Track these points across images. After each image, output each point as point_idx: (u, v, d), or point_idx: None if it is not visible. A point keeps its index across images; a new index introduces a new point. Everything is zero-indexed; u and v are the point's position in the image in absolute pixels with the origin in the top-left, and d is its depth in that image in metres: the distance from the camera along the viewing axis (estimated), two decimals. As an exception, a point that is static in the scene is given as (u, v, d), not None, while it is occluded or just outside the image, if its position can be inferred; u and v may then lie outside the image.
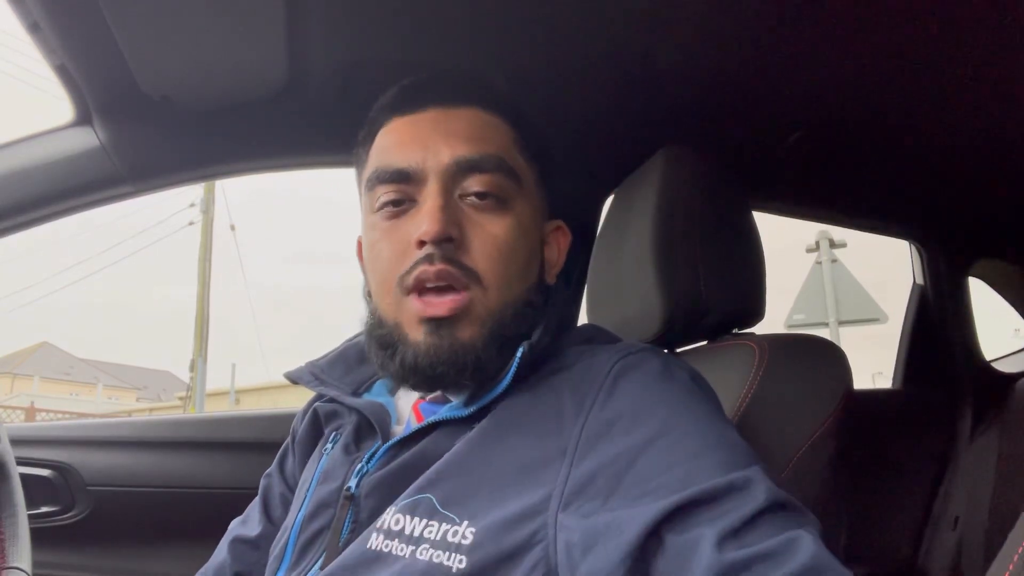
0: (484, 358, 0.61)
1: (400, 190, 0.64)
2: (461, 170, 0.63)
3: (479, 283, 0.61)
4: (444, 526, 0.55)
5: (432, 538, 0.55)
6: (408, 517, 0.57)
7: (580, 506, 0.53)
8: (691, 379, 0.61)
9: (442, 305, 0.60)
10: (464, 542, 0.53)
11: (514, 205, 0.64)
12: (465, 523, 0.55)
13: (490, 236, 0.62)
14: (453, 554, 0.53)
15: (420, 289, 0.61)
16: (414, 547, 0.55)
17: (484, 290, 0.61)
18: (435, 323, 0.61)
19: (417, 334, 0.62)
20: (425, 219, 0.60)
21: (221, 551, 0.80)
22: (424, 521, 0.56)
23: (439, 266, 0.60)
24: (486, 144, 0.64)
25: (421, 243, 0.61)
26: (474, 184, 0.63)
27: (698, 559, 0.46)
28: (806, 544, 0.45)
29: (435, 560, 0.54)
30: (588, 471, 0.54)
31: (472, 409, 0.61)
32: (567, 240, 0.72)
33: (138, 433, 1.33)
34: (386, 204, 0.65)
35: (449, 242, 0.60)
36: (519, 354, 0.60)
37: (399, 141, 0.66)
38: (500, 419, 0.60)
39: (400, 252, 0.63)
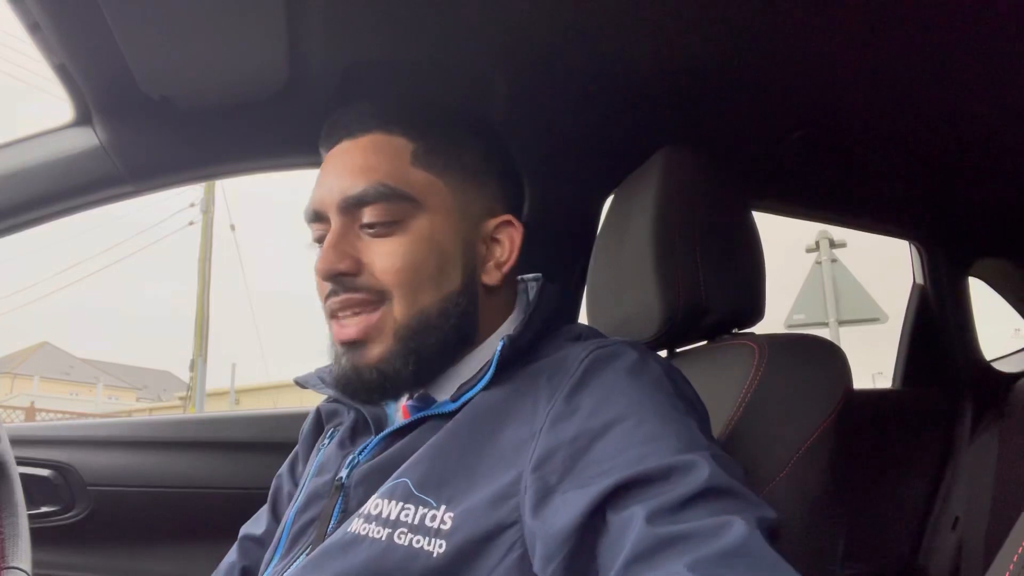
0: (387, 370, 0.65)
1: (319, 227, 0.69)
2: (351, 206, 0.66)
3: (385, 297, 0.65)
4: (421, 510, 0.57)
5: (409, 522, 0.57)
6: (385, 501, 0.59)
7: (539, 476, 0.55)
8: (663, 373, 0.62)
9: (350, 329, 0.65)
10: (443, 527, 0.55)
11: (411, 224, 0.66)
12: (443, 508, 0.57)
13: (387, 256, 0.65)
14: (432, 539, 0.55)
15: (336, 316, 0.67)
16: (391, 530, 0.57)
17: (391, 304, 0.65)
18: (345, 346, 0.66)
19: (337, 357, 0.68)
20: (319, 258, 0.66)
21: (232, 552, 0.83)
22: (400, 504, 0.58)
23: (342, 297, 0.65)
24: (372, 174, 0.66)
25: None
26: (366, 216, 0.66)
27: (630, 533, 0.48)
28: (737, 528, 0.46)
29: (415, 545, 0.55)
30: (548, 447, 0.56)
31: (457, 405, 0.63)
32: (519, 232, 0.71)
33: (138, 433, 1.33)
34: (314, 240, 0.71)
35: (344, 276, 0.65)
36: (498, 350, 0.63)
37: (317, 181, 0.71)
38: (478, 409, 0.62)
39: (321, 284, 0.68)
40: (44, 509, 1.23)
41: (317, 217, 0.69)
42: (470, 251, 0.69)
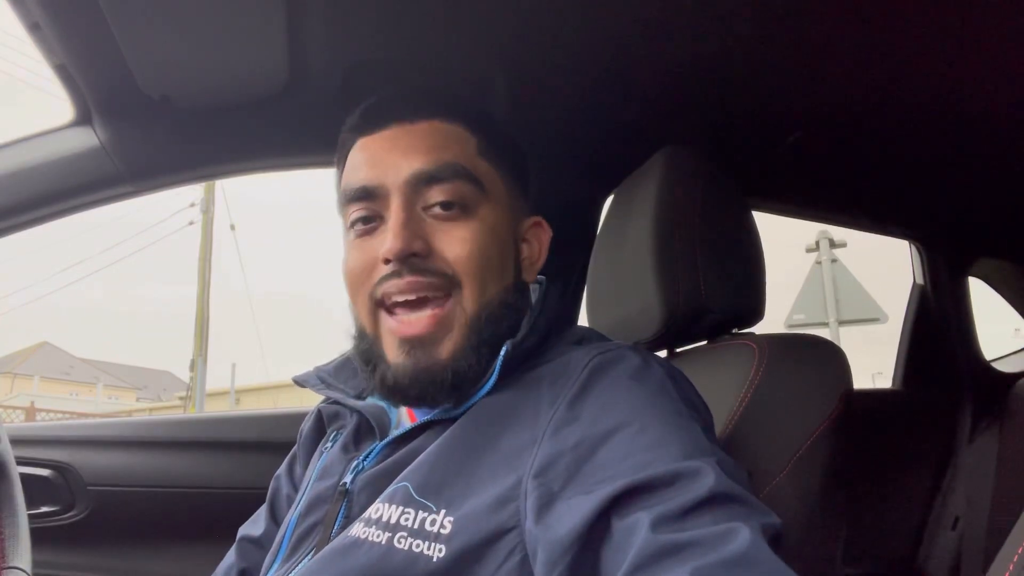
0: (462, 369, 0.62)
1: (367, 207, 0.66)
2: (421, 182, 0.64)
3: (458, 285, 0.63)
4: (421, 514, 0.57)
5: (409, 526, 0.56)
6: (386, 505, 0.59)
7: (542, 483, 0.54)
8: (666, 377, 0.61)
9: (418, 323, 0.62)
10: (443, 531, 0.55)
11: (478, 211, 0.65)
12: (443, 512, 0.56)
13: (458, 240, 0.63)
14: (432, 543, 0.55)
15: (390, 304, 0.64)
16: (391, 534, 0.57)
17: (461, 293, 0.63)
18: (410, 343, 0.63)
19: (394, 354, 0.64)
20: (388, 237, 0.62)
21: (231, 554, 0.83)
22: (400, 508, 0.58)
23: (408, 279, 0.62)
24: (444, 153, 0.65)
25: (387, 260, 0.63)
26: (436, 195, 0.64)
27: (634, 540, 0.47)
28: (742, 536, 0.45)
29: (415, 550, 0.55)
30: (551, 453, 0.55)
31: (461, 409, 0.63)
32: (547, 234, 0.73)
33: (138, 433, 1.33)
34: (356, 222, 0.67)
35: (415, 257, 0.62)
36: (502, 353, 0.62)
37: (363, 161, 0.68)
38: (480, 414, 0.62)
39: (369, 267, 0.65)
40: (44, 509, 1.23)
41: (367, 195, 0.65)
42: (517, 247, 0.70)
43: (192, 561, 1.24)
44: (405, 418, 0.72)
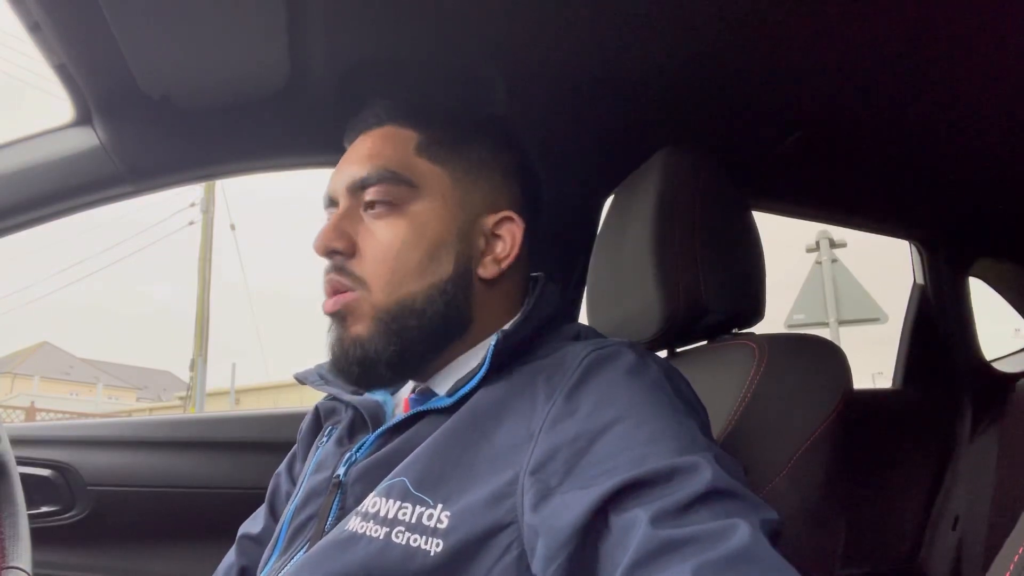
0: (369, 349, 0.66)
1: (332, 212, 0.73)
2: (357, 188, 0.70)
3: (364, 286, 0.67)
4: (418, 508, 0.57)
5: (407, 520, 0.57)
6: (383, 499, 0.59)
7: (539, 479, 0.55)
8: (662, 375, 0.62)
9: (329, 303, 0.69)
10: (440, 526, 0.56)
11: (408, 208, 0.69)
12: (440, 506, 0.57)
13: (377, 242, 0.68)
14: (429, 538, 0.55)
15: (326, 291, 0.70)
16: (388, 529, 0.57)
17: (369, 292, 0.67)
18: (332, 318, 0.69)
19: (329, 329, 0.70)
20: (317, 234, 0.69)
21: (231, 552, 0.83)
22: (398, 503, 0.58)
23: (329, 276, 0.69)
24: (378, 159, 0.70)
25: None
26: (368, 195, 0.69)
27: (633, 535, 0.47)
28: (742, 532, 0.45)
29: (412, 544, 0.56)
30: (548, 448, 0.56)
31: (453, 399, 0.64)
32: (520, 228, 0.72)
33: (138, 433, 1.33)
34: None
35: (338, 254, 0.68)
36: (493, 343, 0.63)
37: (335, 170, 0.74)
38: (475, 407, 0.62)
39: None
40: (44, 509, 1.23)
41: (331, 203, 0.72)
42: (466, 242, 0.70)
43: (192, 561, 1.24)
44: (400, 411, 0.72)
